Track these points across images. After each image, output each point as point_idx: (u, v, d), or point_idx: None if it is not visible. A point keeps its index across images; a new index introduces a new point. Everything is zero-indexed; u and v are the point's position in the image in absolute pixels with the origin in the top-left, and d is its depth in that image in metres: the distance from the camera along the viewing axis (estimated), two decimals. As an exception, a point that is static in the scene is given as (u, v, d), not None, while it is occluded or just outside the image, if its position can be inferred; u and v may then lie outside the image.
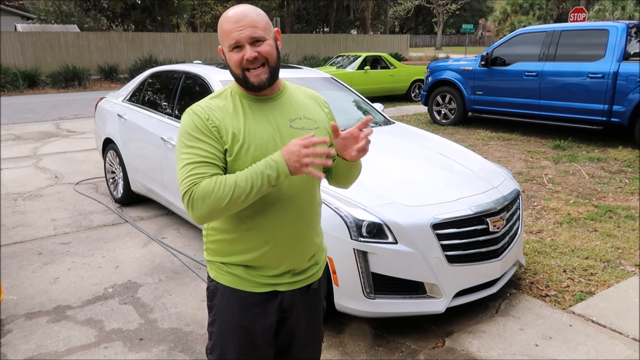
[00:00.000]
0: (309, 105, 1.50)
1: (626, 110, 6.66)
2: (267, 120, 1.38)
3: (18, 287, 3.23)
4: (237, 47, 1.32)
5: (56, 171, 6.14)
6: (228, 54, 1.34)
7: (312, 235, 1.49)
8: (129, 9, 26.19)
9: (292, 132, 1.40)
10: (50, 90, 16.07)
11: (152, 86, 4.66)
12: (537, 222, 4.27)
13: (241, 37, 1.30)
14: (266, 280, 1.44)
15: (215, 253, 1.47)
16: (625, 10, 23.45)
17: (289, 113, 1.42)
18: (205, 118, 1.34)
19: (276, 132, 1.38)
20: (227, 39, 1.31)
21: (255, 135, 1.35)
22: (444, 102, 9.14)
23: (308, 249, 1.48)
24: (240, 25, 1.30)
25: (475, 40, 52.35)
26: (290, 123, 1.41)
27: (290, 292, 1.47)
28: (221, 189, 1.25)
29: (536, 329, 2.72)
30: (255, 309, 1.44)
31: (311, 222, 1.47)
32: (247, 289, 1.44)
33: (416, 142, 3.62)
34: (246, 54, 1.31)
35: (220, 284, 1.46)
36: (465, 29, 27.34)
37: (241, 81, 1.36)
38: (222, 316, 1.47)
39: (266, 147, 1.35)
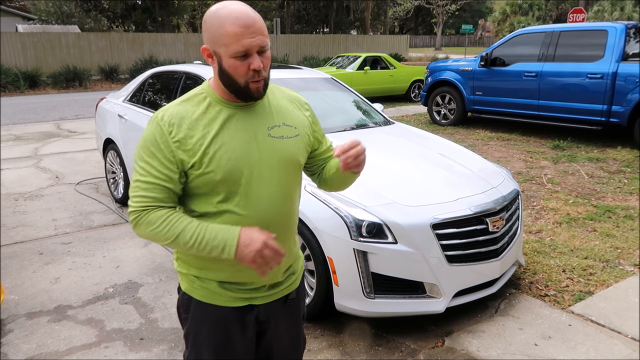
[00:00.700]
0: (289, 109, 1.40)
1: (625, 110, 6.67)
2: (243, 130, 1.28)
3: (19, 286, 3.24)
4: (244, 55, 1.20)
5: (57, 171, 6.15)
6: (230, 60, 1.20)
7: (290, 246, 1.42)
8: (129, 10, 26.21)
9: (270, 141, 1.31)
10: (51, 91, 16.08)
11: (153, 86, 4.67)
12: (537, 222, 4.28)
13: (253, 45, 1.18)
14: (241, 294, 1.37)
15: (187, 265, 1.39)
16: (624, 11, 23.46)
17: (267, 120, 1.32)
18: (169, 132, 1.23)
19: (252, 141, 1.29)
20: (235, 44, 1.18)
21: (229, 146, 1.25)
22: (444, 103, 9.15)
23: (285, 262, 1.41)
24: (252, 31, 1.18)
25: (475, 40, 52.37)
26: (269, 132, 1.31)
27: (266, 304, 1.41)
28: (165, 230, 1.23)
29: (535, 328, 2.73)
30: (231, 324, 1.38)
31: (288, 234, 1.39)
32: (221, 304, 1.37)
33: (416, 142, 3.62)
34: (254, 64, 1.20)
35: (193, 298, 1.39)
36: (465, 30, 27.36)
37: (239, 91, 1.25)
38: (197, 330, 1.40)
39: (239, 159, 1.26)
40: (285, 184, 1.34)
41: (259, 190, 1.29)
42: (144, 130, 1.29)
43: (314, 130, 1.47)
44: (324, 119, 3.76)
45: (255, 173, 1.29)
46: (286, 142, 1.34)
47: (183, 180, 1.28)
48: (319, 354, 2.53)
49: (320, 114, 3.81)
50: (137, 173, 1.26)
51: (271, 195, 1.31)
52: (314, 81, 4.22)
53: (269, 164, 1.30)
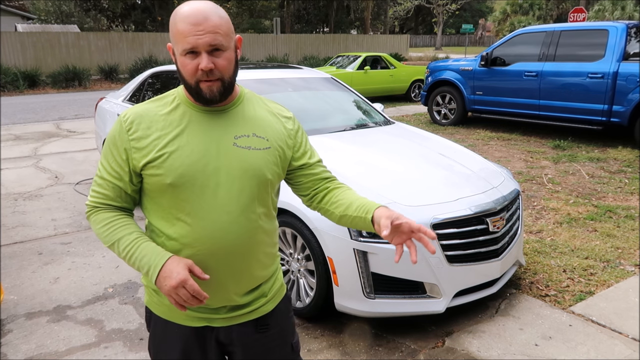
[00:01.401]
0: (265, 120, 1.31)
1: (626, 110, 6.66)
2: (206, 135, 1.23)
3: (18, 287, 3.24)
4: (192, 52, 1.16)
5: (56, 171, 6.15)
6: (180, 57, 1.17)
7: (253, 269, 1.31)
8: (129, 9, 26.21)
9: (234, 151, 1.24)
10: (51, 91, 16.08)
11: (152, 86, 4.66)
12: (537, 222, 4.27)
13: (199, 43, 1.14)
14: (198, 314, 1.32)
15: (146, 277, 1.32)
16: (625, 11, 23.45)
17: (235, 129, 1.26)
18: (127, 129, 1.22)
19: (212, 149, 1.22)
20: (182, 41, 1.15)
21: (185, 150, 1.21)
22: (444, 102, 9.15)
23: (245, 284, 1.31)
24: (200, 29, 1.13)
25: (475, 40, 52.36)
26: (235, 140, 1.24)
27: (227, 327, 1.34)
28: (105, 234, 1.24)
29: (536, 328, 2.72)
30: (191, 343, 1.33)
31: (249, 255, 1.28)
32: (179, 322, 1.32)
33: (416, 142, 3.62)
34: (202, 64, 1.15)
35: (153, 313, 1.36)
36: (465, 29, 27.34)
37: (192, 91, 1.20)
38: (157, 346, 1.37)
39: (193, 165, 1.20)
40: (247, 198, 1.25)
41: (215, 201, 1.22)
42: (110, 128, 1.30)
43: (296, 145, 1.37)
44: (324, 119, 3.76)
45: (212, 182, 1.22)
46: (253, 154, 1.25)
47: (137, 180, 1.26)
48: (319, 354, 2.52)
49: (320, 114, 3.81)
50: (98, 168, 1.29)
51: (230, 209, 1.23)
52: (314, 81, 4.21)
53: (228, 175, 1.23)
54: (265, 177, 1.27)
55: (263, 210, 1.30)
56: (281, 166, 1.33)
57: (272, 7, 33.65)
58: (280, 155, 1.32)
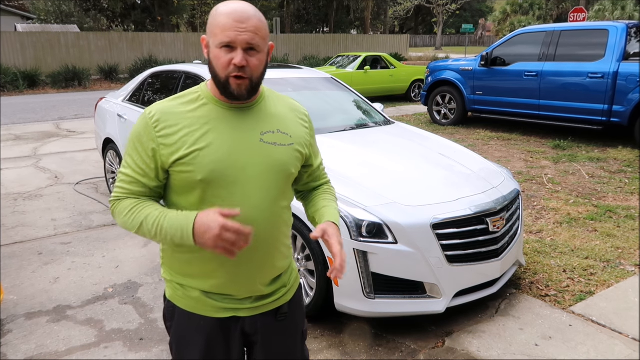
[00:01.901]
0: (287, 117, 1.36)
1: (626, 110, 6.66)
2: (233, 132, 1.26)
3: (18, 287, 3.23)
4: (228, 46, 1.19)
5: (56, 171, 6.15)
6: (215, 50, 1.20)
7: (275, 259, 1.36)
8: (129, 9, 26.21)
9: (261, 147, 1.27)
10: (51, 91, 16.07)
11: (152, 86, 4.66)
12: (537, 222, 4.27)
13: (238, 39, 1.17)
14: (225, 305, 1.33)
15: (172, 272, 1.37)
16: (625, 10, 23.45)
17: (261, 125, 1.29)
18: (154, 126, 1.23)
19: (240, 146, 1.25)
20: (221, 34, 1.18)
21: (213, 147, 1.23)
22: (444, 102, 9.15)
23: (268, 274, 1.36)
24: (242, 26, 1.17)
25: (475, 40, 52.35)
26: (261, 137, 1.28)
27: (252, 317, 1.36)
28: (131, 218, 1.24)
29: (536, 328, 2.72)
30: (216, 334, 1.34)
31: (273, 246, 1.34)
32: (204, 314, 1.33)
33: (416, 142, 3.62)
34: (236, 59, 1.18)
35: (177, 306, 1.36)
36: (465, 29, 27.33)
37: (221, 85, 1.23)
38: (180, 339, 1.37)
39: (223, 162, 1.23)
40: (274, 193, 1.29)
41: (244, 196, 1.25)
42: (134, 124, 1.30)
43: (311, 144, 1.43)
44: (324, 119, 3.76)
45: (241, 177, 1.25)
46: (278, 150, 1.29)
47: (163, 177, 1.27)
48: (319, 354, 2.52)
49: (320, 113, 3.81)
50: (122, 163, 1.30)
51: (257, 202, 1.27)
52: (314, 81, 4.21)
53: (257, 170, 1.26)
54: (290, 171, 1.33)
55: (286, 204, 1.36)
56: (301, 162, 1.38)
57: (272, 7, 33.64)
58: (301, 152, 1.37)
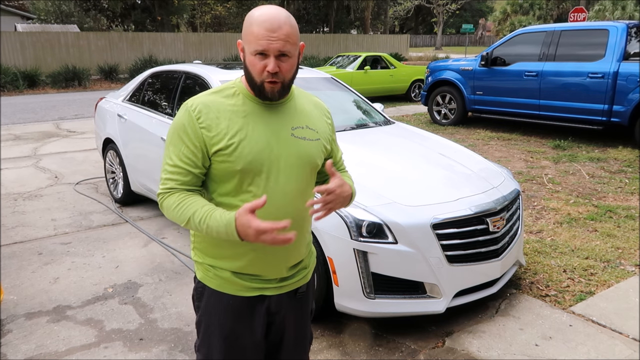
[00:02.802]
0: (314, 113, 1.47)
1: (626, 110, 6.66)
2: (267, 126, 1.36)
3: (18, 287, 3.23)
4: (262, 54, 1.28)
5: (56, 171, 6.14)
6: (250, 56, 1.30)
7: (301, 245, 1.47)
8: (129, 9, 26.20)
9: (292, 140, 1.38)
10: (50, 90, 16.07)
11: (152, 86, 4.66)
12: (537, 222, 4.27)
13: (270, 47, 1.26)
14: (254, 284, 1.43)
15: (203, 254, 1.45)
16: (626, 10, 23.45)
17: (292, 120, 1.40)
18: (197, 117, 1.32)
19: (274, 139, 1.35)
20: (254, 43, 1.27)
21: (251, 139, 1.33)
22: (444, 102, 9.14)
23: (293, 259, 1.46)
24: (274, 35, 1.25)
25: (475, 40, 52.35)
26: (292, 131, 1.39)
27: (277, 296, 1.47)
28: (179, 213, 1.31)
29: (536, 329, 2.72)
30: (243, 313, 1.44)
31: (300, 233, 1.44)
32: (234, 293, 1.43)
33: (416, 142, 3.62)
34: (269, 66, 1.27)
35: (207, 287, 1.45)
36: (465, 29, 27.32)
37: (256, 88, 1.33)
38: (209, 318, 1.46)
39: (260, 153, 1.33)
40: (302, 183, 1.40)
41: (277, 185, 1.35)
42: (176, 116, 1.37)
43: (333, 139, 1.54)
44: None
45: (274, 168, 1.35)
46: (307, 144, 1.40)
47: (207, 164, 1.35)
48: (319, 354, 2.52)
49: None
50: (166, 157, 1.37)
51: (288, 191, 1.37)
52: (314, 81, 4.21)
53: (288, 162, 1.36)
54: (317, 164, 1.44)
55: (311, 193, 1.46)
56: (325, 155, 1.49)
57: (272, 7, 33.57)
58: (326, 146, 1.48)
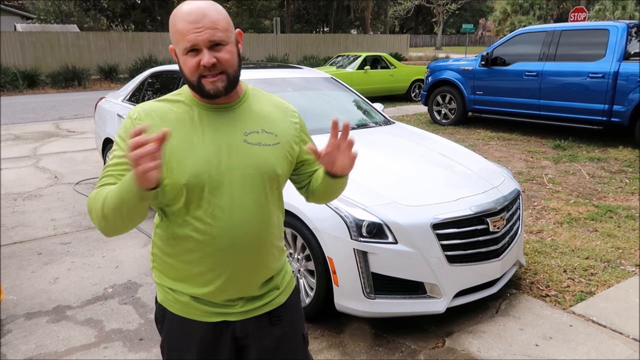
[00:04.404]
0: (272, 115, 1.34)
1: (626, 110, 6.66)
2: (216, 133, 1.24)
3: (18, 287, 3.23)
4: (193, 50, 1.17)
5: (56, 171, 6.14)
6: (182, 57, 1.18)
7: (266, 260, 1.34)
8: (128, 9, 26.21)
9: (245, 148, 1.25)
10: (50, 90, 16.07)
11: (152, 86, 4.65)
12: (538, 222, 4.26)
13: (199, 40, 1.15)
14: (215, 309, 1.32)
15: (162, 275, 1.35)
16: (626, 10, 23.45)
17: (245, 125, 1.27)
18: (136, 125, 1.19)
19: (224, 147, 1.23)
20: (182, 40, 1.16)
21: (197, 148, 1.21)
22: (444, 102, 9.14)
23: (260, 276, 1.34)
24: (199, 26, 1.14)
25: (475, 40, 52.34)
26: (245, 137, 1.26)
27: (243, 321, 1.34)
28: (98, 204, 1.15)
29: (536, 329, 2.72)
30: (207, 339, 1.33)
31: (264, 247, 1.31)
32: (195, 318, 1.32)
33: (416, 142, 3.61)
34: (203, 59, 1.16)
35: (167, 310, 1.35)
36: (465, 29, 27.31)
37: (195, 88, 1.21)
38: (171, 343, 1.36)
39: (207, 164, 1.21)
40: (261, 194, 1.27)
41: (230, 198, 1.23)
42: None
43: (302, 140, 1.40)
44: (324, 119, 3.75)
45: (226, 180, 1.22)
46: (263, 150, 1.27)
47: None
48: (319, 354, 2.51)
49: (320, 113, 3.80)
50: (107, 164, 1.25)
51: (242, 206, 1.25)
52: (314, 81, 4.21)
53: (241, 172, 1.24)
54: (276, 172, 1.29)
55: (274, 205, 1.33)
56: (290, 161, 1.35)
57: (272, 6, 33.64)
58: (289, 151, 1.34)
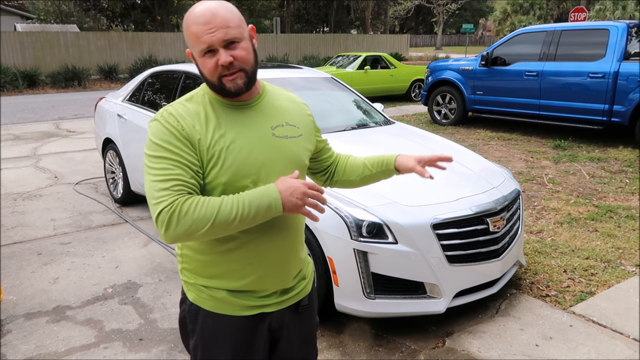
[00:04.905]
0: (291, 109, 1.37)
1: (627, 110, 6.66)
2: (245, 130, 1.25)
3: (17, 287, 3.23)
4: (209, 51, 1.18)
5: (56, 171, 6.14)
6: (200, 59, 1.19)
7: (299, 251, 1.38)
8: (128, 9, 26.21)
9: (275, 141, 1.28)
10: (50, 90, 16.07)
11: (152, 86, 4.65)
12: (538, 222, 4.26)
13: (213, 40, 1.16)
14: (252, 302, 1.32)
15: (194, 275, 1.33)
16: (626, 10, 23.44)
17: (270, 120, 1.30)
18: (176, 128, 1.19)
19: (256, 142, 1.25)
20: (197, 43, 1.17)
21: (234, 147, 1.21)
22: (444, 102, 9.14)
23: (295, 267, 1.37)
24: (211, 27, 1.15)
25: (476, 40, 52.34)
26: (273, 131, 1.28)
27: (278, 311, 1.37)
28: (202, 212, 1.11)
29: (536, 329, 2.71)
30: (243, 334, 1.33)
31: (296, 238, 1.36)
32: (232, 313, 1.31)
33: (416, 142, 3.61)
34: (220, 59, 1.17)
35: (201, 308, 1.33)
36: (466, 29, 27.30)
37: (217, 88, 1.22)
38: (206, 342, 1.34)
39: (244, 159, 1.22)
40: None
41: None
42: (148, 133, 1.22)
43: (317, 130, 1.48)
44: (324, 119, 3.75)
45: (262, 174, 1.24)
46: (291, 142, 1.31)
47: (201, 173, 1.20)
48: (319, 354, 2.51)
49: (320, 113, 3.80)
50: (152, 176, 1.16)
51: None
52: (314, 81, 4.20)
53: (276, 165, 1.26)
54: (304, 162, 1.35)
55: None
56: (310, 151, 1.40)
57: (272, 6, 33.64)
58: (311, 140, 1.41)
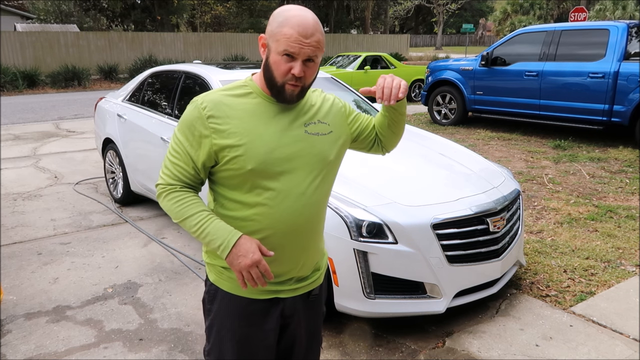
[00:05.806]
0: (323, 106, 1.45)
1: (627, 110, 6.66)
2: (280, 123, 1.33)
3: (17, 287, 3.23)
4: (289, 56, 1.25)
5: (56, 171, 6.14)
6: (275, 55, 1.27)
7: (318, 243, 1.45)
8: (128, 9, 26.20)
9: (307, 137, 1.36)
10: (50, 90, 16.07)
11: (152, 86, 4.65)
12: (538, 222, 4.26)
13: (302, 52, 1.24)
14: (268, 287, 1.40)
15: (215, 256, 1.41)
16: (626, 10, 23.44)
17: (303, 117, 1.38)
18: (207, 116, 1.28)
19: (288, 136, 1.33)
20: (285, 44, 1.24)
21: (264, 138, 1.30)
22: (444, 102, 9.14)
23: (313, 257, 1.45)
24: (307, 41, 1.24)
25: (476, 40, 52.34)
26: (305, 128, 1.36)
27: (292, 298, 1.44)
28: (176, 211, 1.31)
29: (536, 329, 2.71)
30: (257, 316, 1.41)
31: (316, 231, 1.42)
32: (248, 295, 1.40)
33: (416, 142, 3.61)
34: (295, 70, 1.25)
35: (220, 289, 1.42)
36: (466, 29, 27.31)
37: (275, 89, 1.30)
38: (221, 321, 1.43)
39: (274, 151, 1.30)
40: (317, 181, 1.37)
41: (290, 185, 1.32)
42: (185, 111, 1.34)
43: (353, 120, 1.53)
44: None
45: (288, 168, 1.32)
46: (321, 139, 1.38)
47: (209, 165, 1.33)
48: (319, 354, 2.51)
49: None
50: (169, 150, 1.35)
51: (302, 190, 1.34)
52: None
53: (302, 160, 1.34)
54: (330, 159, 1.41)
55: (326, 190, 1.43)
56: (343, 146, 1.46)
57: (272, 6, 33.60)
58: (342, 136, 1.46)
